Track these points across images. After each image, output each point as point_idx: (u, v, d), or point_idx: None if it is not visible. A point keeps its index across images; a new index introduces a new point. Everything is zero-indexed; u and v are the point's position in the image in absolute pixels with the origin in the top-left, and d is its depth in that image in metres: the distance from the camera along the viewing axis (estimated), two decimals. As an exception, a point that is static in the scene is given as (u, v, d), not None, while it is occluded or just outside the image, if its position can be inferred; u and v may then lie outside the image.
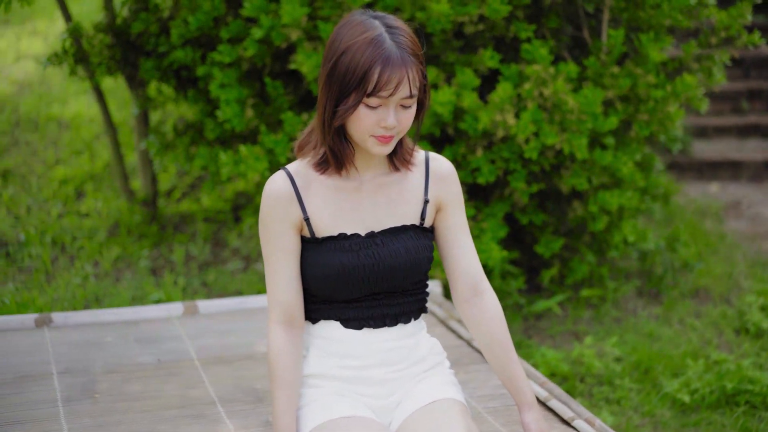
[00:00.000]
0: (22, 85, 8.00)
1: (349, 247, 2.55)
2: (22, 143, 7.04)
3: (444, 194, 2.66)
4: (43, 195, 6.28)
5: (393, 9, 4.59)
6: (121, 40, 5.32)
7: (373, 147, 2.47)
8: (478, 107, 4.47)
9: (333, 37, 2.49)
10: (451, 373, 2.78)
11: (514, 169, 4.59)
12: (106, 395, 3.36)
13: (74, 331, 3.88)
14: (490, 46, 4.61)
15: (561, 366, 4.47)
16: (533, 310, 4.98)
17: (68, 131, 7.25)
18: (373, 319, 2.61)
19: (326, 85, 2.45)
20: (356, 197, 2.58)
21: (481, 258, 4.51)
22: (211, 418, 3.21)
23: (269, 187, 2.55)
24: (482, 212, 4.72)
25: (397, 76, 2.39)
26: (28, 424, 3.13)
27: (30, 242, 5.62)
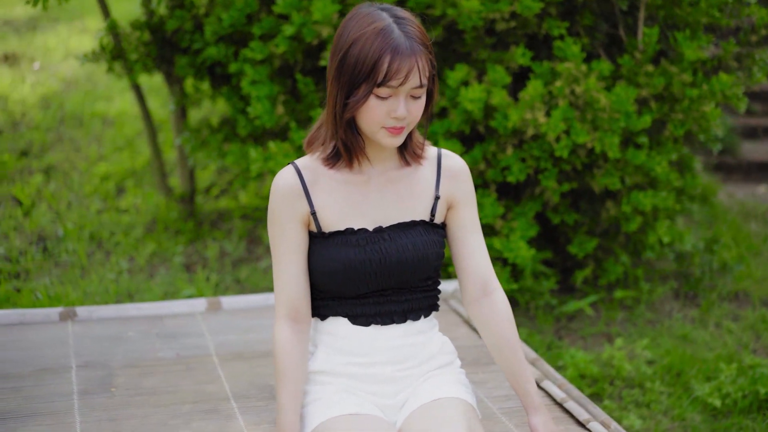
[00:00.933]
0: (69, 82, 8.09)
1: (356, 241, 2.53)
2: (66, 139, 7.12)
3: (456, 192, 2.63)
4: (84, 191, 6.34)
5: (425, 6, 4.56)
6: (157, 37, 5.35)
7: (383, 139, 2.46)
8: (508, 105, 4.42)
9: (341, 30, 2.48)
10: (462, 372, 2.75)
11: (545, 167, 4.54)
12: (123, 389, 3.37)
13: (98, 325, 3.90)
14: (522, 44, 4.56)
15: (590, 368, 4.41)
16: (565, 310, 4.92)
17: (112, 128, 7.32)
18: (380, 315, 2.59)
19: (336, 77, 2.45)
20: (365, 192, 2.56)
21: (508, 257, 4.47)
22: (224, 413, 3.21)
23: (277, 181, 2.54)
24: (512, 211, 4.67)
25: (407, 65, 2.39)
26: (42, 417, 3.15)
27: (68, 237, 5.68)
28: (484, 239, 2.69)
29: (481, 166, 4.58)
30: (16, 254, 5.46)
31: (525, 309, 4.96)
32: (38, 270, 5.30)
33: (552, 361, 4.55)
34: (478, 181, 4.62)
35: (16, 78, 8.06)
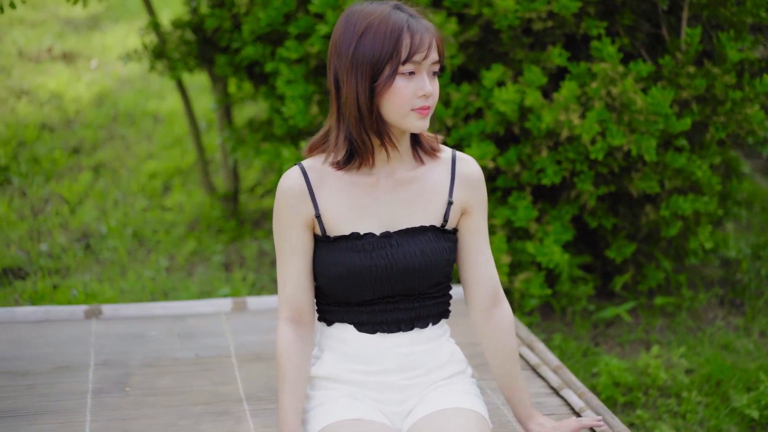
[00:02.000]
0: (124, 80, 8.16)
1: (362, 246, 2.46)
2: (117, 137, 7.18)
3: (472, 198, 2.56)
4: (131, 188, 6.38)
5: (461, 5, 4.50)
6: (199, 36, 5.36)
7: (414, 122, 2.39)
8: (542, 106, 4.34)
9: (341, 30, 2.43)
10: (473, 382, 2.68)
11: (581, 170, 4.45)
12: (137, 389, 3.37)
13: (121, 323, 3.91)
14: (559, 44, 4.48)
15: (624, 376, 4.30)
16: (602, 316, 4.82)
17: (163, 126, 7.36)
18: (386, 323, 2.52)
19: (351, 71, 2.39)
20: (373, 194, 2.49)
21: (542, 261, 4.38)
22: (235, 415, 3.19)
23: (282, 182, 2.49)
24: (548, 214, 4.58)
25: (426, 38, 2.38)
26: (54, 415, 3.16)
27: (110, 235, 5.71)
28: (489, 245, 2.63)
29: (515, 168, 4.50)
30: (59, 251, 5.51)
31: (561, 314, 4.87)
32: (79, 267, 5.34)
33: (587, 368, 4.46)
34: (512, 183, 4.54)
35: (72, 76, 8.15)
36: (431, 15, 4.38)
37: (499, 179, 4.54)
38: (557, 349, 4.55)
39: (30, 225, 5.84)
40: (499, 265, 4.39)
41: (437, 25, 4.45)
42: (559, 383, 3.42)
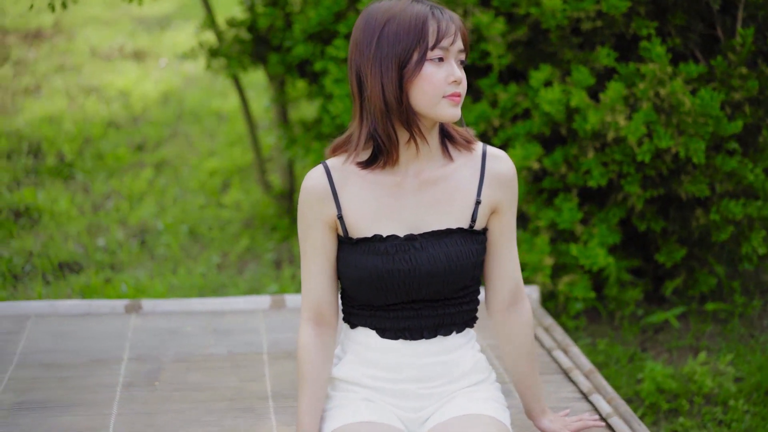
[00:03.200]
0: (191, 79, 8.27)
1: (384, 249, 2.42)
2: (180, 135, 7.28)
3: (502, 197, 2.50)
4: (190, 186, 6.46)
5: (510, 4, 4.46)
6: (254, 34, 5.40)
7: (446, 110, 2.36)
8: (588, 106, 4.28)
9: (361, 28, 2.40)
10: (497, 388, 2.65)
11: (628, 172, 4.37)
12: (166, 383, 3.40)
13: (159, 318, 3.96)
14: (607, 44, 4.41)
15: (669, 382, 4.22)
16: (650, 321, 4.74)
17: (226, 124, 7.43)
18: (409, 330, 2.48)
19: (375, 65, 2.35)
20: (398, 194, 2.44)
21: (585, 264, 4.32)
22: (259, 412, 3.20)
23: (305, 182, 2.47)
24: (595, 217, 4.52)
25: (452, 25, 2.36)
26: (82, 407, 3.21)
27: (166, 231, 5.79)
28: (515, 247, 2.59)
29: (562, 170, 4.45)
30: (114, 246, 5.60)
31: (609, 319, 4.79)
32: (133, 263, 5.42)
33: (632, 373, 4.39)
34: (558, 184, 4.49)
35: (141, 74, 8.28)
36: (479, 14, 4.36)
37: (546, 180, 4.49)
38: (602, 354, 4.48)
39: (89, 220, 5.95)
40: (541, 267, 4.34)
41: (485, 24, 4.43)
42: (589, 388, 3.37)
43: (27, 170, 6.65)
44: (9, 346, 3.65)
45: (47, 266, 5.31)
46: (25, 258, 5.41)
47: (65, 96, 7.87)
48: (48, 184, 6.44)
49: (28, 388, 3.34)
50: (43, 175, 6.58)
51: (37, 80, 8.16)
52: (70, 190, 6.38)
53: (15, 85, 8.05)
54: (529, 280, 4.42)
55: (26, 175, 6.58)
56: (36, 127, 7.24)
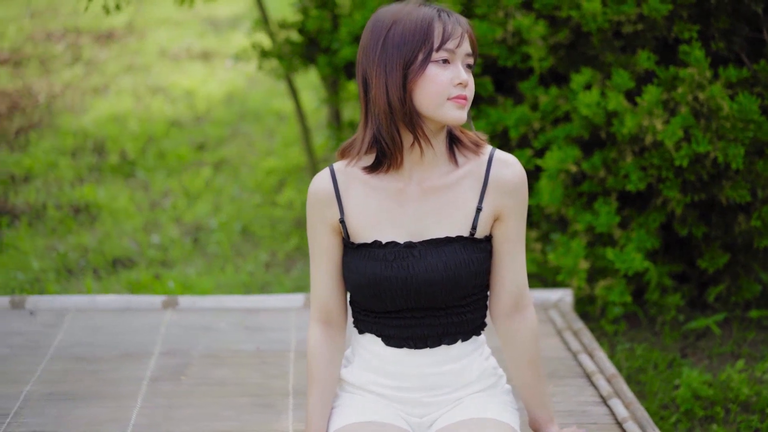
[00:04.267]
0: (255, 79, 8.38)
1: (383, 256, 2.42)
2: (241, 135, 7.39)
3: (506, 204, 2.46)
4: (247, 185, 6.56)
5: (552, 7, 4.46)
6: (305, 36, 5.47)
7: (451, 112, 2.35)
8: (626, 110, 4.26)
9: (369, 30, 2.41)
10: (508, 392, 2.64)
11: (667, 177, 4.34)
12: (192, 378, 3.49)
13: (195, 314, 4.04)
14: (648, 47, 4.38)
15: (705, 389, 4.18)
16: (691, 327, 4.69)
17: (285, 124, 7.53)
18: (413, 338, 2.48)
19: (380, 66, 2.35)
20: (400, 200, 2.44)
21: (620, 268, 4.29)
22: (278, 409, 3.27)
23: (311, 185, 2.49)
24: (634, 221, 4.49)
25: (458, 28, 2.36)
26: (107, 400, 3.31)
27: (220, 229, 5.89)
28: (523, 251, 2.53)
29: (600, 173, 4.43)
30: (168, 243, 5.72)
31: (650, 324, 4.76)
32: (184, 260, 5.53)
33: (670, 379, 4.36)
34: (597, 188, 4.47)
35: (208, 75, 8.42)
36: (520, 17, 4.37)
37: (585, 184, 4.48)
38: (640, 359, 4.46)
39: (146, 217, 6.08)
40: (576, 271, 4.33)
41: (525, 27, 4.44)
42: (609, 392, 3.36)
43: (90, 168, 6.82)
44: (46, 339, 3.77)
45: (100, 261, 5.45)
46: (81, 253, 5.56)
47: (132, 95, 8.04)
48: (109, 181, 6.59)
49: (60, 379, 3.45)
50: (106, 173, 6.74)
51: (106, 80, 8.35)
52: (130, 187, 6.53)
53: (85, 84, 8.25)
54: (563, 284, 4.41)
55: (89, 173, 6.75)
56: (102, 125, 7.42)
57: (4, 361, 3.58)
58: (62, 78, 8.42)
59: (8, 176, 6.59)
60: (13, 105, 7.76)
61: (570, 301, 4.21)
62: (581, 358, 3.65)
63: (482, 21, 4.50)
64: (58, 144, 7.15)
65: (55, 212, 6.06)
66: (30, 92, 8.06)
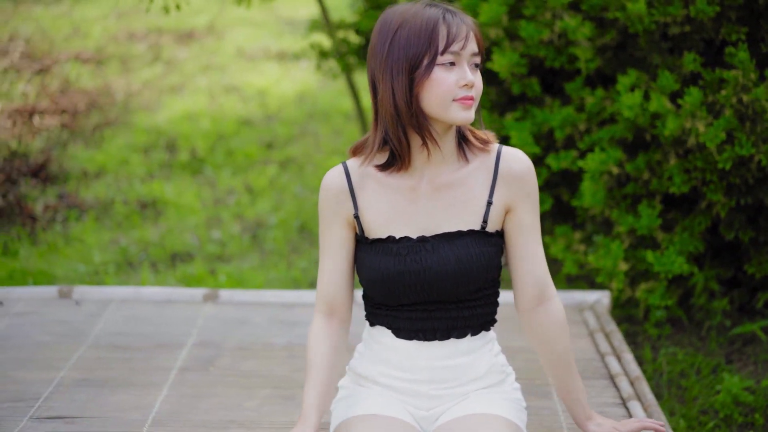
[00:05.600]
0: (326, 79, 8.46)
1: (397, 251, 2.47)
2: (309, 134, 7.49)
3: (514, 194, 2.50)
4: (311, 183, 6.65)
5: (599, 8, 4.45)
6: (362, 37, 5.54)
7: (457, 114, 2.38)
8: (668, 112, 4.22)
9: (377, 32, 2.46)
10: (516, 389, 2.66)
11: (711, 180, 4.29)
12: (221, 369, 3.57)
13: (233, 308, 4.13)
14: (694, 49, 4.34)
15: (745, 395, 4.13)
16: (736, 333, 4.62)
17: (352, 123, 7.60)
18: (423, 331, 2.52)
19: (386, 70, 2.39)
20: (413, 197, 2.48)
21: (660, 271, 4.25)
22: (298, 401, 3.32)
23: (324, 180, 2.54)
24: (679, 224, 4.45)
25: (463, 28, 2.39)
26: (135, 388, 3.41)
27: (279, 226, 5.99)
28: (540, 242, 2.55)
29: (644, 175, 4.40)
30: (227, 239, 5.84)
31: (696, 328, 4.71)
32: (240, 255, 5.64)
33: (712, 384, 4.31)
34: (641, 190, 4.43)
35: (282, 75, 8.55)
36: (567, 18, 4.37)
37: (629, 186, 4.45)
38: (681, 363, 4.41)
39: (209, 213, 6.22)
40: (615, 273, 4.31)
41: (572, 28, 4.43)
42: (629, 394, 3.35)
43: (161, 164, 7.00)
44: (87, 327, 3.90)
45: (160, 255, 5.59)
46: (142, 247, 5.71)
47: (207, 94, 8.21)
48: (178, 178, 6.75)
49: (93, 366, 3.57)
50: (176, 170, 6.90)
51: (183, 79, 8.54)
52: (197, 184, 6.68)
53: (162, 83, 8.45)
54: (602, 286, 4.39)
55: (160, 169, 6.92)
56: (175, 123, 7.60)
57: (44, 348, 3.71)
58: (141, 77, 8.64)
59: (81, 172, 6.79)
60: (92, 103, 7.99)
61: (607, 303, 4.19)
62: (608, 359, 3.64)
63: (529, 22, 4.51)
64: (131, 141, 7.35)
65: (122, 207, 6.24)
66: (109, 91, 8.29)
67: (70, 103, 7.92)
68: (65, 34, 9.57)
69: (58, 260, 5.45)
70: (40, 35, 9.41)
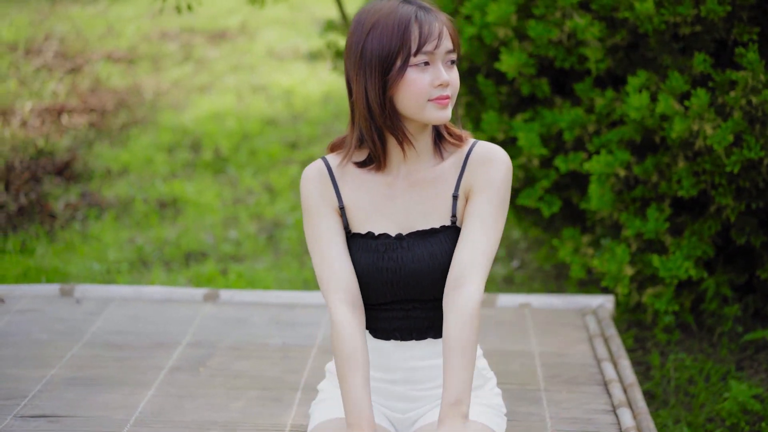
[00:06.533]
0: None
1: (375, 247, 2.46)
2: (334, 133, 7.47)
3: (475, 181, 2.44)
4: (331, 183, 6.63)
5: (609, 8, 4.38)
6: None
7: (432, 113, 2.36)
8: (675, 114, 4.15)
9: (351, 31, 2.44)
10: (495, 394, 2.63)
11: (720, 183, 4.21)
12: (211, 369, 3.56)
13: (232, 308, 4.12)
14: (704, 50, 4.26)
15: (752, 403, 4.04)
16: (747, 339, 4.53)
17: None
18: (399, 330, 2.50)
19: (360, 70, 2.36)
20: (390, 194, 2.47)
21: (665, 276, 4.17)
22: (284, 403, 3.31)
23: (306, 172, 2.50)
24: (688, 228, 4.37)
25: (436, 26, 2.35)
26: (124, 387, 3.42)
27: (295, 226, 5.98)
28: (487, 233, 2.41)
29: (653, 178, 4.32)
30: (243, 239, 5.84)
31: (707, 334, 4.62)
32: (255, 255, 5.63)
33: (720, 392, 4.23)
34: (650, 194, 4.36)
35: (310, 75, 8.54)
36: (577, 18, 4.31)
37: (637, 189, 4.38)
38: (689, 370, 4.34)
39: (228, 213, 6.22)
40: (620, 277, 4.24)
41: (581, 28, 4.36)
42: (621, 401, 3.29)
43: (185, 164, 7.02)
44: (84, 325, 3.91)
45: (175, 254, 5.60)
46: (158, 246, 5.72)
47: (234, 94, 8.22)
48: (200, 177, 6.77)
49: (85, 365, 3.57)
50: (199, 169, 6.92)
51: (212, 79, 8.56)
52: (218, 183, 6.69)
53: (191, 82, 8.48)
54: (607, 290, 4.32)
55: (183, 169, 6.94)
56: (201, 122, 7.62)
57: (39, 346, 3.72)
58: (171, 76, 8.68)
59: (105, 170, 6.83)
60: (120, 102, 8.04)
61: (610, 307, 4.13)
62: (604, 365, 3.58)
63: (539, 22, 4.45)
64: (156, 140, 7.38)
65: (142, 206, 6.26)
66: (138, 90, 8.34)
67: (99, 102, 7.98)
68: (99, 33, 9.65)
69: (73, 258, 5.48)
70: (75, 34, 9.49)
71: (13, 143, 7.15)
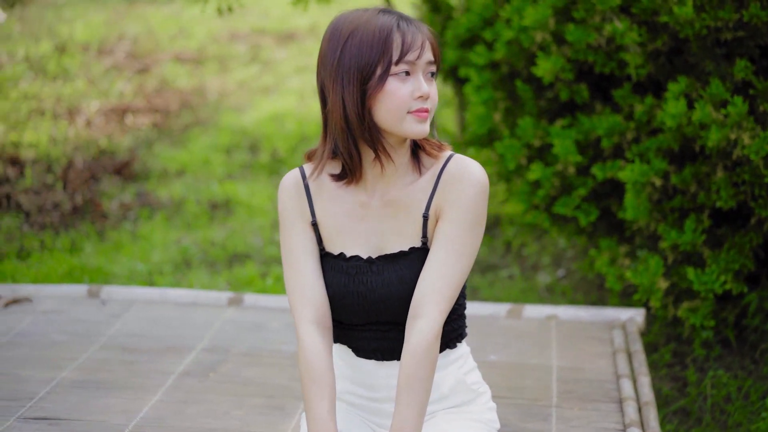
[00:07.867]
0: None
1: (347, 269, 2.37)
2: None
3: (445, 200, 2.33)
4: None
5: (650, 12, 4.24)
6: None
7: (412, 126, 2.27)
8: (712, 121, 3.99)
9: (327, 38, 2.35)
10: (489, 409, 2.55)
11: (759, 194, 4.04)
12: (220, 375, 3.53)
13: (255, 312, 4.09)
14: (747, 56, 4.09)
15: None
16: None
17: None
18: (380, 351, 2.44)
19: (337, 79, 2.27)
20: (363, 213, 2.38)
21: (700, 289, 4.01)
22: (286, 411, 3.27)
23: (283, 182, 2.44)
24: (728, 241, 4.20)
25: (418, 37, 2.28)
26: (129, 391, 3.41)
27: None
28: (452, 258, 2.30)
29: (692, 188, 4.17)
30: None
31: (749, 350, 4.45)
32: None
33: (759, 411, 4.06)
34: (689, 204, 4.20)
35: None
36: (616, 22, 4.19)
37: (676, 199, 4.23)
38: (729, 387, 4.17)
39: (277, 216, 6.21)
40: (653, 290, 4.09)
41: (620, 32, 4.24)
42: (632, 420, 3.17)
43: (241, 165, 7.03)
44: (104, 328, 3.91)
45: (220, 256, 5.60)
46: (204, 247, 5.73)
47: (297, 95, 8.22)
48: (255, 178, 6.77)
49: (96, 368, 3.58)
50: (255, 170, 6.92)
51: (277, 80, 8.57)
52: (272, 185, 6.68)
53: (256, 84, 8.50)
54: (639, 303, 4.18)
55: (239, 170, 6.95)
56: (261, 124, 7.63)
57: (55, 347, 3.74)
58: (236, 77, 8.71)
59: (162, 171, 6.88)
60: (184, 103, 8.09)
61: (640, 321, 3.99)
62: (622, 382, 3.45)
63: (577, 26, 4.33)
64: (215, 141, 7.40)
65: (194, 207, 6.28)
66: (203, 91, 8.39)
67: (163, 103, 8.05)
68: (171, 33, 9.74)
69: (119, 258, 5.51)
70: (147, 35, 9.59)
71: (76, 142, 7.24)
